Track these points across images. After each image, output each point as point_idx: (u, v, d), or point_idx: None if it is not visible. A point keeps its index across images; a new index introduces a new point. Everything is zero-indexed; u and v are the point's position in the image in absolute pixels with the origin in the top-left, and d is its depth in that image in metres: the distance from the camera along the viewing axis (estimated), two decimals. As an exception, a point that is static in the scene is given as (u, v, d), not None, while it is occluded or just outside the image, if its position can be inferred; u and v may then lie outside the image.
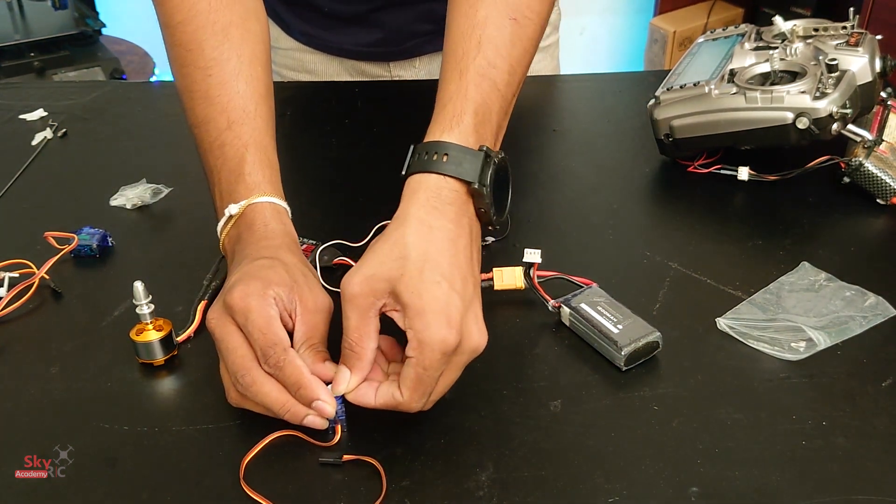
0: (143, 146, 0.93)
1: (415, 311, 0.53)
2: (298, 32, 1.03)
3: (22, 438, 0.57)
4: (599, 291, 0.66)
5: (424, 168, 0.58)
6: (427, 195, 0.57)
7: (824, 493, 0.52)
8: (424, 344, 0.52)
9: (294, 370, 0.54)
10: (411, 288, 0.53)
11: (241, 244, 0.63)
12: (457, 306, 0.53)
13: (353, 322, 0.54)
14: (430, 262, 0.54)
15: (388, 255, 0.54)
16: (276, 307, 0.56)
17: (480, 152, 0.58)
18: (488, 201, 0.58)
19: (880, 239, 0.76)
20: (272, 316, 0.55)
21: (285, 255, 0.60)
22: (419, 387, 0.53)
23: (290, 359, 0.54)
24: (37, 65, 1.99)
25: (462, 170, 0.57)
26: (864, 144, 0.78)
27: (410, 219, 0.56)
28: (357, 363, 0.55)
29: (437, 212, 0.56)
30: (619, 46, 2.94)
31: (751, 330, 0.64)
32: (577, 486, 0.53)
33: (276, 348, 0.54)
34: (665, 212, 0.81)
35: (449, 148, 0.58)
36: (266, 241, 0.62)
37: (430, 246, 0.55)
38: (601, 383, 0.60)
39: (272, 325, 0.55)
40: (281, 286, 0.57)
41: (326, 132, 0.93)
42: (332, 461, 0.54)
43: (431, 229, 0.55)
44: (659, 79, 0.88)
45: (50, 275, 0.70)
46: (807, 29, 0.83)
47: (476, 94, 0.60)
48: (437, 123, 0.60)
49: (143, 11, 0.86)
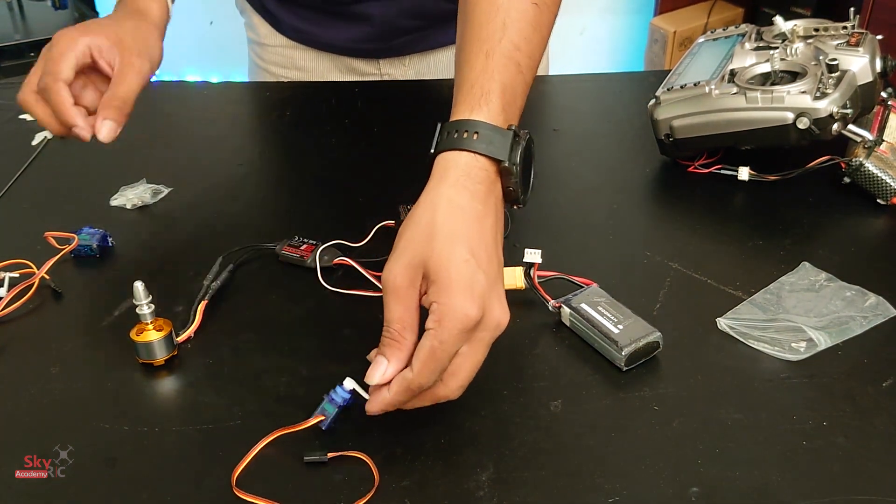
0: (143, 146, 0.93)
1: (440, 286, 0.53)
2: (288, 28, 1.04)
3: (22, 438, 0.57)
4: (600, 291, 0.66)
5: (455, 146, 0.58)
6: (457, 174, 0.57)
7: (824, 493, 0.52)
8: (445, 316, 0.52)
9: (57, 98, 0.67)
10: (440, 264, 0.53)
11: (115, 6, 0.77)
12: (481, 282, 0.53)
13: (396, 313, 0.54)
14: (459, 241, 0.54)
15: (419, 240, 0.55)
16: (78, 52, 0.69)
17: (510, 131, 0.59)
18: (517, 180, 0.59)
19: (880, 239, 0.76)
20: (65, 52, 0.68)
21: (129, 21, 0.73)
22: (431, 361, 0.53)
23: (56, 88, 0.67)
24: (37, 65, 1.99)
25: (493, 148, 0.58)
26: (865, 144, 0.78)
27: (440, 199, 0.56)
28: (397, 353, 0.54)
29: (467, 191, 0.57)
30: (619, 46, 2.94)
31: (751, 330, 0.64)
32: (577, 486, 0.53)
33: (51, 75, 0.68)
34: (665, 212, 0.81)
35: (479, 126, 0.58)
36: (126, 8, 0.75)
37: (458, 225, 0.55)
38: (601, 383, 0.60)
39: (62, 58, 0.68)
40: (101, 37, 0.70)
41: (326, 132, 0.93)
42: (317, 458, 0.54)
43: (461, 210, 0.56)
44: (659, 79, 0.88)
45: (50, 275, 0.70)
46: (807, 29, 0.83)
47: (503, 75, 0.61)
48: (465, 102, 0.60)
49: (142, 11, 0.88)
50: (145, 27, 0.74)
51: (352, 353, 0.63)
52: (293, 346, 0.64)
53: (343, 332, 0.65)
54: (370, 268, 0.70)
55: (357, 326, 0.66)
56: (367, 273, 0.69)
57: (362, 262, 0.70)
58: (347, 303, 0.68)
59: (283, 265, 0.73)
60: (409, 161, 0.86)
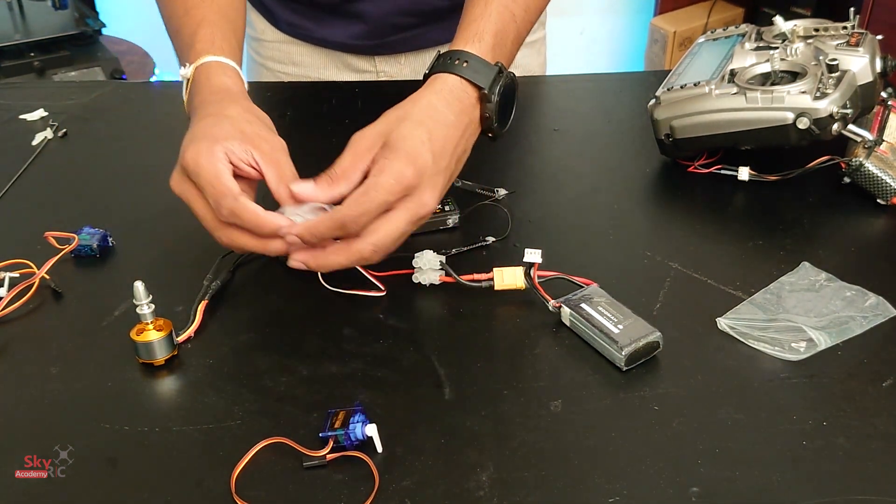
0: (143, 146, 0.93)
1: (391, 149, 0.60)
2: (284, 23, 1.04)
3: (22, 438, 0.57)
4: (600, 291, 0.66)
5: (445, 69, 0.66)
6: (441, 87, 0.66)
7: (824, 493, 0.52)
8: (384, 169, 0.59)
9: (248, 214, 0.59)
10: (399, 135, 0.61)
11: (192, 106, 0.69)
12: (426, 159, 0.61)
13: (343, 162, 0.62)
14: (423, 126, 0.62)
15: (392, 118, 0.63)
16: (225, 161, 0.61)
17: (495, 66, 0.67)
18: (494, 109, 0.67)
19: (880, 239, 0.76)
20: (220, 170, 0.60)
21: (229, 108, 0.65)
22: (361, 196, 0.59)
23: (241, 205, 0.59)
24: (37, 65, 1.99)
25: (477, 76, 0.66)
26: (865, 144, 0.78)
27: (422, 99, 0.65)
28: (325, 186, 0.61)
29: (445, 102, 0.65)
30: (619, 46, 2.94)
31: (751, 330, 0.64)
32: (577, 486, 0.53)
33: (227, 199, 0.59)
34: (665, 212, 0.81)
35: (469, 57, 0.67)
36: (211, 97, 0.67)
37: (426, 117, 0.63)
38: (601, 383, 0.60)
39: (220, 178, 0.60)
40: (230, 139, 0.62)
41: (326, 132, 0.93)
42: (316, 463, 0.54)
43: (435, 110, 0.64)
44: (659, 79, 0.88)
45: (50, 275, 0.70)
46: (807, 29, 0.83)
47: (498, 20, 0.69)
48: (462, 37, 0.69)
49: (143, 11, 0.86)
50: (245, 103, 0.67)
51: (352, 353, 0.63)
52: (293, 346, 0.64)
53: (343, 332, 0.65)
54: (370, 268, 0.70)
55: (357, 326, 0.66)
56: (367, 273, 0.69)
57: (362, 262, 0.70)
58: (347, 303, 0.68)
59: (283, 265, 0.72)
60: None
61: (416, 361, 0.62)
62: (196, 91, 0.69)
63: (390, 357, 0.63)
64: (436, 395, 0.60)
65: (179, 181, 0.63)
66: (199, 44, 0.70)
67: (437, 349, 0.63)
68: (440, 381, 0.61)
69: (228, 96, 0.67)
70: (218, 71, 0.69)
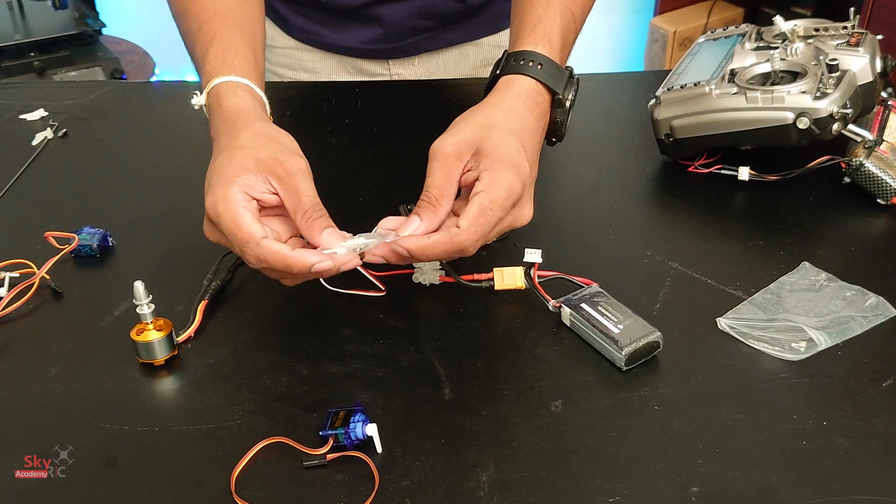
0: (143, 146, 0.93)
1: (493, 159, 0.58)
2: (296, 30, 1.03)
3: (22, 438, 0.57)
4: (600, 291, 0.66)
5: (521, 71, 0.65)
6: (520, 91, 0.64)
7: (824, 493, 0.52)
8: (495, 182, 0.57)
9: (275, 257, 0.56)
10: (494, 144, 0.59)
11: (212, 134, 0.65)
12: (526, 170, 0.59)
13: (436, 179, 0.59)
14: (514, 135, 0.60)
15: (477, 125, 0.61)
16: (244, 204, 0.57)
17: (567, 69, 0.67)
18: (566, 115, 0.67)
19: (880, 239, 0.76)
20: (239, 216, 0.57)
21: (241, 136, 0.60)
22: (480, 218, 0.56)
23: (266, 249, 0.56)
24: (37, 65, 1.99)
25: (552, 80, 0.65)
26: (865, 144, 0.78)
27: (503, 104, 0.63)
28: (430, 214, 0.58)
29: (526, 107, 0.63)
30: (619, 46, 2.94)
31: (751, 330, 0.64)
32: (577, 486, 0.53)
33: (250, 245, 0.56)
34: (665, 212, 0.81)
35: (543, 59, 0.65)
36: (223, 125, 0.63)
37: (515, 125, 0.61)
38: (601, 383, 0.60)
39: (239, 225, 0.56)
40: (244, 174, 0.58)
41: (326, 132, 0.93)
42: (316, 463, 0.54)
43: (519, 116, 0.62)
44: (659, 79, 0.88)
45: (50, 275, 0.70)
46: (807, 29, 0.83)
47: (562, 22, 0.68)
48: (528, 38, 0.67)
49: (143, 11, 0.86)
50: (257, 125, 0.62)
51: (352, 353, 0.63)
52: (293, 346, 0.64)
53: (343, 332, 0.65)
54: (370, 268, 0.70)
55: (357, 326, 0.66)
56: (367, 273, 0.69)
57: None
58: (347, 303, 0.68)
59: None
60: (410, 161, 0.87)
61: (416, 361, 0.62)
62: (211, 119, 0.65)
63: (390, 357, 0.63)
64: (436, 395, 0.60)
65: (210, 230, 0.60)
66: (209, 65, 0.67)
67: (437, 349, 0.63)
68: (440, 381, 0.61)
69: (240, 121, 0.62)
70: (229, 93, 0.65)
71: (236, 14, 0.71)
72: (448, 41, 1.03)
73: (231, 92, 0.65)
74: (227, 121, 0.63)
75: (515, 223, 0.60)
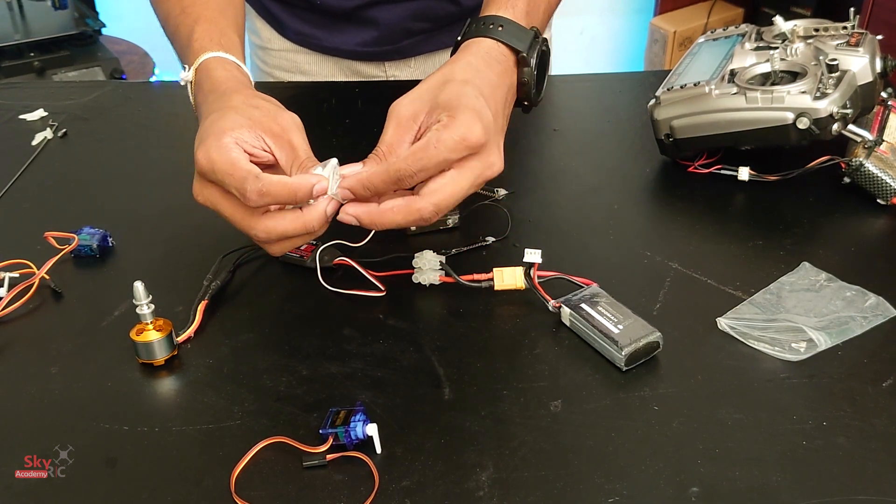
0: (143, 146, 0.93)
1: (450, 107, 0.57)
2: (292, 32, 1.03)
3: (22, 438, 0.57)
4: (600, 291, 0.66)
5: (481, 33, 0.64)
6: (478, 50, 0.63)
7: (824, 493, 0.52)
8: (450, 125, 0.55)
9: (277, 186, 0.55)
10: (449, 94, 0.58)
11: (197, 105, 0.66)
12: (488, 116, 0.57)
13: (388, 135, 0.59)
14: (472, 84, 0.59)
15: (434, 81, 0.60)
16: (236, 149, 0.57)
17: (531, 30, 0.66)
18: (532, 74, 0.65)
19: (880, 239, 0.76)
20: (234, 158, 0.56)
21: (232, 98, 0.62)
22: (420, 152, 0.55)
23: (266, 180, 0.55)
24: (37, 65, 1.99)
25: (515, 40, 0.64)
26: (865, 144, 0.78)
27: (460, 61, 0.62)
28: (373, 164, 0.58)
29: (485, 63, 0.62)
30: (619, 46, 2.94)
31: (751, 330, 0.64)
32: (577, 486, 0.53)
33: (249, 181, 0.55)
34: (665, 212, 0.81)
35: (504, 21, 0.65)
36: (213, 94, 0.64)
37: (472, 75, 0.60)
38: (601, 383, 0.60)
39: (236, 164, 0.56)
40: (236, 129, 0.58)
41: (326, 132, 0.93)
42: (316, 463, 0.54)
43: (477, 69, 0.61)
44: (659, 79, 0.88)
45: (50, 275, 0.70)
46: (807, 29, 0.83)
47: None
48: (494, 4, 0.67)
49: (143, 11, 0.86)
50: (248, 91, 0.64)
51: (352, 353, 0.63)
52: (293, 346, 0.64)
53: (343, 332, 0.66)
54: (370, 268, 0.70)
55: (357, 326, 0.66)
56: (367, 273, 0.69)
57: (362, 262, 0.70)
58: (347, 303, 0.68)
59: (283, 265, 0.73)
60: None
61: (416, 361, 0.62)
62: (199, 89, 0.66)
63: (390, 357, 0.63)
64: (436, 395, 0.60)
65: (200, 188, 0.59)
66: (196, 42, 0.68)
67: (436, 349, 0.63)
68: (440, 381, 0.61)
69: (231, 87, 0.64)
70: (219, 66, 0.66)
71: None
72: (443, 43, 1.03)
73: (221, 66, 0.66)
74: (217, 89, 0.64)
75: (486, 172, 0.58)
